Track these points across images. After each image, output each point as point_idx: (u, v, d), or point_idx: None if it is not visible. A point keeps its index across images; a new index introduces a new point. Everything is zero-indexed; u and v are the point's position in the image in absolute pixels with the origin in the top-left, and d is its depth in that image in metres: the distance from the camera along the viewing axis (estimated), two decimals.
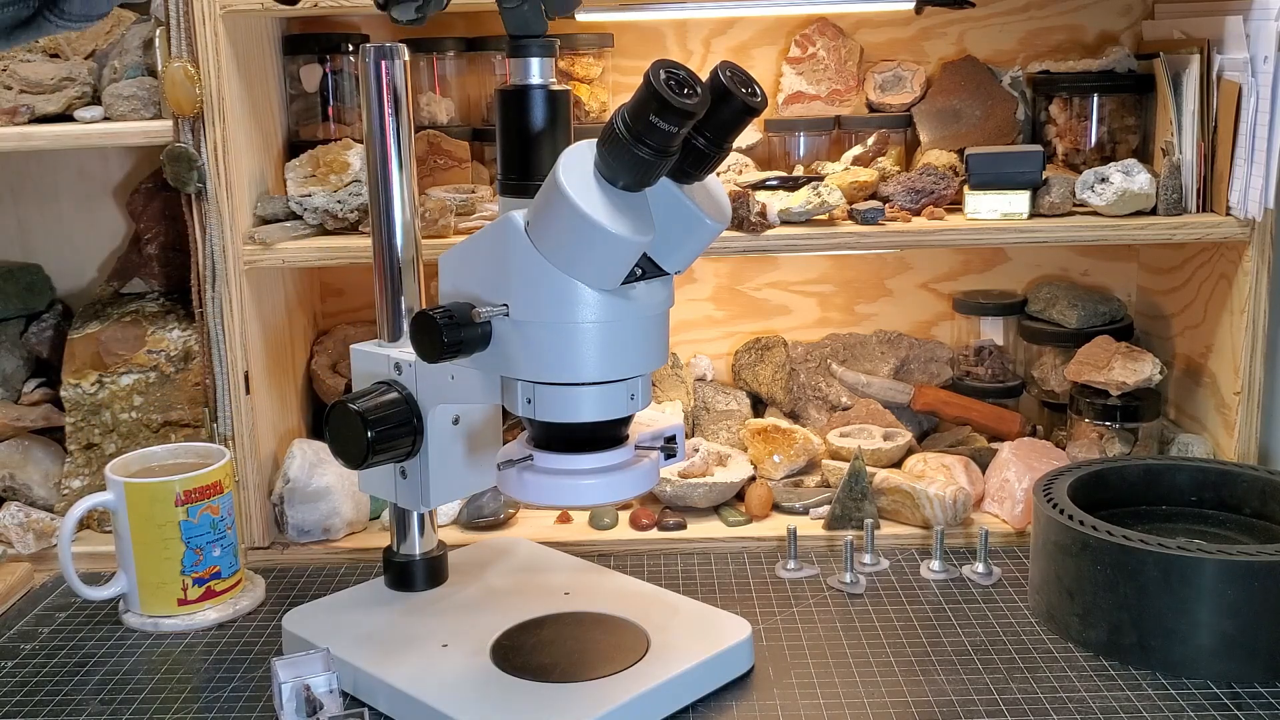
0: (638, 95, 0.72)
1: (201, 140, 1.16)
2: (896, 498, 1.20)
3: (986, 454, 1.29)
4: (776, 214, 1.20)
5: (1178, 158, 1.21)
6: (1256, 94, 1.12)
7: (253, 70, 1.24)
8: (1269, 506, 1.06)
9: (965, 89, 1.39)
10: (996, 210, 1.21)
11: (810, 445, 1.31)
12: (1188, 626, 0.91)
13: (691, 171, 0.79)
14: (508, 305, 0.79)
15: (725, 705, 0.90)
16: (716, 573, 1.13)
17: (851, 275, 1.49)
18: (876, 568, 1.13)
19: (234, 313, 1.18)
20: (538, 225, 0.77)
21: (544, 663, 0.90)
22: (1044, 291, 1.43)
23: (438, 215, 1.21)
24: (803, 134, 1.38)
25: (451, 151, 1.34)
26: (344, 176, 1.23)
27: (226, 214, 1.17)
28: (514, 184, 0.86)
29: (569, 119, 0.86)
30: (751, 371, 1.44)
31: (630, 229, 0.74)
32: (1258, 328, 1.19)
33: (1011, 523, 1.20)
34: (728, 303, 1.50)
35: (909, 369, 1.46)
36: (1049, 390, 1.40)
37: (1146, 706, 0.88)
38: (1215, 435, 1.27)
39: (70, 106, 1.27)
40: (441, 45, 1.38)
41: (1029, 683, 0.92)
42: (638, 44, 1.42)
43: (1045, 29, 1.42)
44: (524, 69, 0.84)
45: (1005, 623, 1.01)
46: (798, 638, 1.00)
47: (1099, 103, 1.31)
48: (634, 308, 0.79)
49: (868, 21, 1.43)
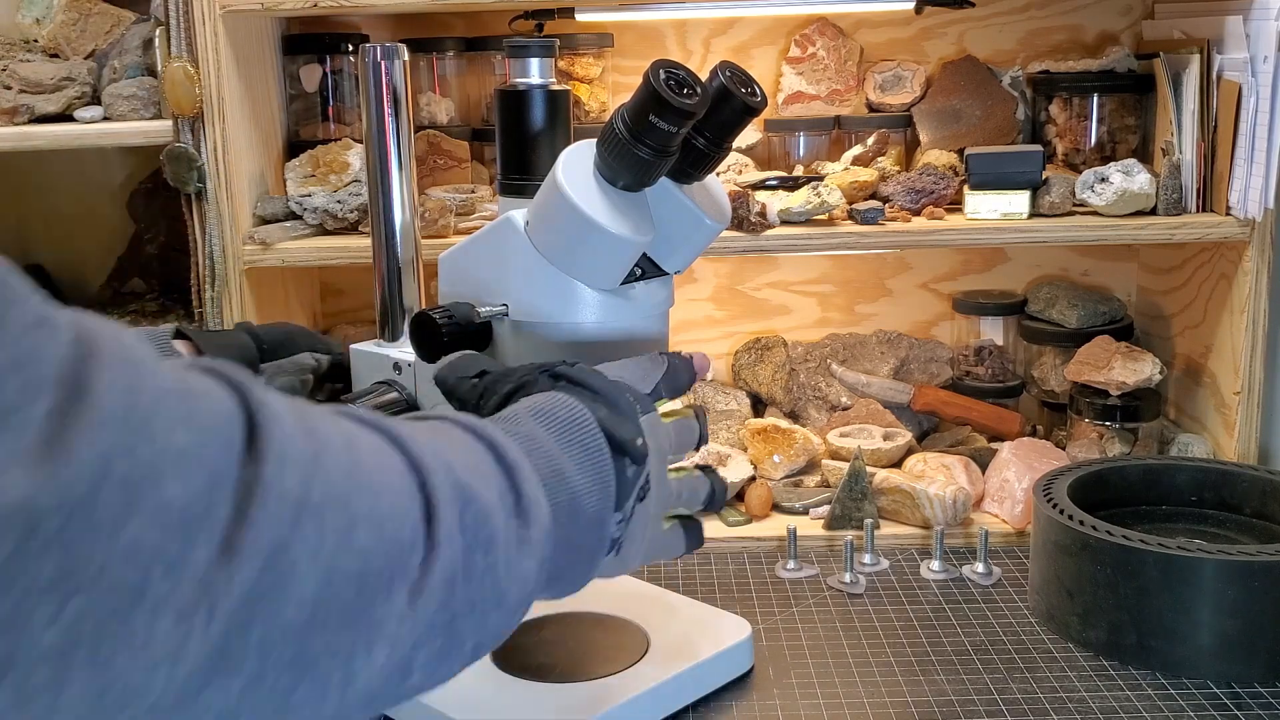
0: (637, 95, 0.72)
1: (201, 140, 1.16)
2: (896, 498, 1.20)
3: (986, 454, 1.29)
4: (776, 214, 1.20)
5: (1178, 158, 1.21)
6: (1256, 94, 1.12)
7: (253, 70, 1.24)
8: (1269, 506, 1.06)
9: (965, 89, 1.39)
10: (996, 210, 1.21)
11: (810, 445, 1.31)
12: (1188, 626, 0.91)
13: (691, 171, 0.79)
14: (507, 305, 0.79)
15: (725, 705, 0.90)
16: (716, 573, 1.13)
17: (851, 275, 1.49)
18: (876, 568, 1.13)
19: (234, 313, 1.18)
20: (537, 225, 0.77)
21: (544, 663, 0.90)
22: (1044, 291, 1.43)
23: (437, 215, 1.21)
24: (803, 134, 1.38)
25: (451, 151, 1.34)
26: (344, 176, 1.23)
27: (226, 214, 1.17)
28: (514, 184, 0.86)
29: (569, 119, 0.86)
30: (751, 371, 1.44)
31: (630, 229, 0.74)
32: (1258, 328, 1.19)
33: (1011, 523, 1.20)
34: (728, 303, 1.50)
35: (909, 369, 1.46)
36: (1049, 390, 1.40)
37: (1146, 706, 0.88)
38: (1215, 435, 1.27)
39: (70, 106, 1.27)
40: (441, 45, 1.38)
41: (1029, 683, 0.91)
42: (638, 44, 1.42)
43: (1045, 29, 1.42)
44: (523, 69, 0.84)
45: (1005, 623, 1.01)
46: (798, 638, 1.00)
47: (1099, 103, 1.31)
48: (634, 308, 0.79)
49: (868, 21, 1.42)
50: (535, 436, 0.59)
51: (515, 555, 0.52)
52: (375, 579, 0.43)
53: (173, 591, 0.36)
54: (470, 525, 0.49)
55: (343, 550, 0.42)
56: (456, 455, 0.52)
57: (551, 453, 0.59)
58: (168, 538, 0.35)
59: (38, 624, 0.33)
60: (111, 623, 0.34)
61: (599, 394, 0.65)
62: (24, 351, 0.33)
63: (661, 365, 0.74)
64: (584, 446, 0.61)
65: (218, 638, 0.37)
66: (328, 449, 0.43)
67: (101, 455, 0.34)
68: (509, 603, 0.52)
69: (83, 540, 0.33)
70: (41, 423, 0.33)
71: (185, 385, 0.39)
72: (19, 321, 0.33)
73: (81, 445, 0.33)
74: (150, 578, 0.35)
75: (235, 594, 0.37)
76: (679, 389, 0.75)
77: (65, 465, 0.33)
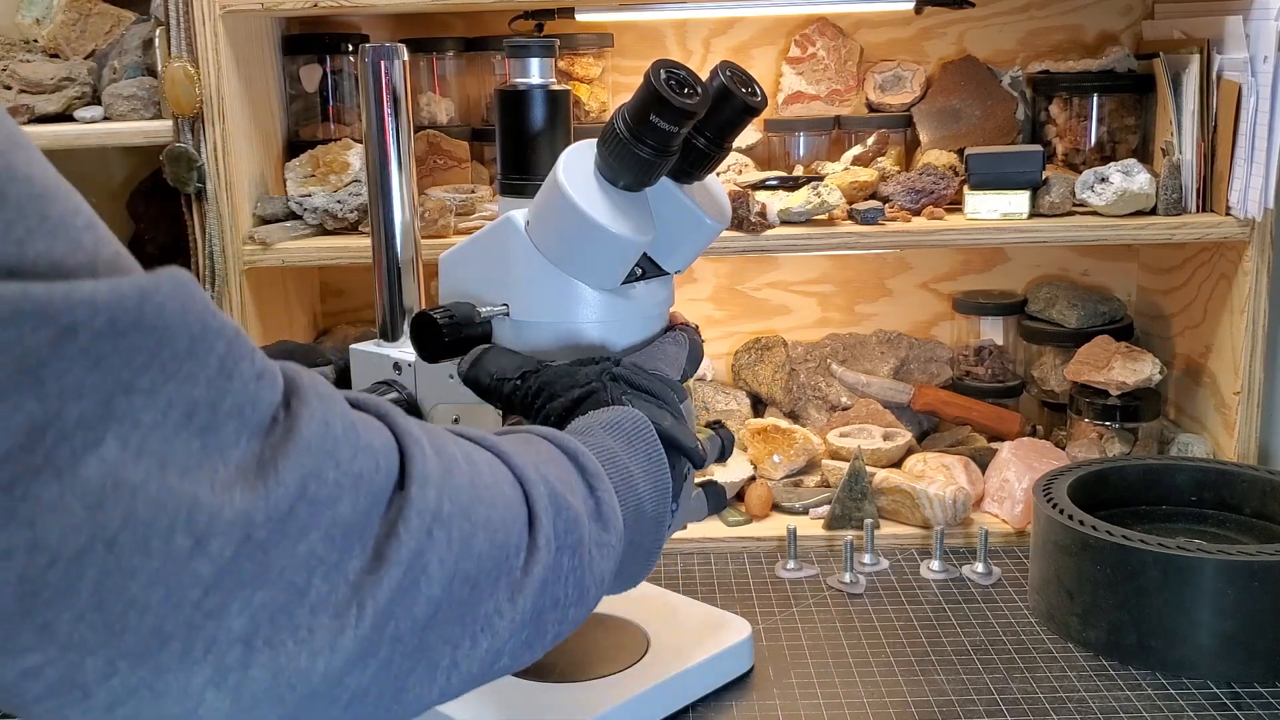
0: (638, 95, 0.72)
1: (201, 140, 1.16)
2: (896, 498, 1.20)
3: (986, 454, 1.29)
4: (776, 214, 1.20)
5: (1177, 158, 1.21)
6: (1256, 94, 1.12)
7: (253, 70, 1.24)
8: (1269, 506, 1.06)
9: (965, 89, 1.38)
10: (996, 210, 1.21)
11: (810, 445, 1.31)
12: (1188, 626, 0.91)
13: (692, 171, 0.79)
14: (508, 305, 0.79)
15: (725, 705, 0.90)
16: (716, 573, 1.13)
17: (851, 275, 1.49)
18: (876, 568, 1.13)
19: (234, 313, 1.18)
20: (538, 225, 0.77)
21: (544, 663, 0.89)
22: (1044, 291, 1.43)
23: (437, 215, 1.21)
24: (803, 134, 1.38)
25: (451, 151, 1.34)
26: (344, 176, 1.23)
27: (226, 214, 1.17)
28: (514, 184, 0.86)
29: (569, 119, 0.86)
30: (751, 371, 1.44)
31: (630, 228, 0.74)
32: (1258, 328, 1.19)
33: (1011, 523, 1.20)
34: (728, 303, 1.50)
35: (909, 369, 1.46)
36: (1049, 390, 1.40)
37: (1146, 706, 0.88)
38: (1215, 435, 1.27)
39: (70, 106, 1.27)
40: (441, 45, 1.38)
41: (1029, 683, 0.91)
42: (638, 44, 1.42)
43: (1045, 29, 1.42)
44: (523, 69, 0.84)
45: (1005, 623, 1.01)
46: (798, 638, 1.00)
47: (1099, 103, 1.31)
48: (634, 308, 0.79)
49: (868, 21, 1.42)
50: (609, 448, 0.64)
51: (596, 557, 0.58)
52: (487, 579, 0.50)
53: (331, 592, 0.43)
54: (562, 531, 0.55)
55: (465, 555, 0.49)
56: (549, 467, 0.58)
57: (623, 462, 0.65)
58: (331, 547, 0.43)
59: (233, 612, 0.40)
60: (282, 616, 0.41)
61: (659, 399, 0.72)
62: (248, 399, 0.41)
63: (684, 346, 0.79)
64: (649, 456, 0.67)
65: (366, 632, 0.44)
66: (455, 467, 0.50)
67: (301, 478, 0.42)
68: (589, 599, 0.58)
69: (278, 546, 0.41)
70: (260, 453, 0.41)
71: (361, 418, 0.47)
72: (247, 374, 0.41)
73: (286, 469, 0.41)
74: (312, 580, 0.42)
75: (381, 597, 0.44)
76: (697, 365, 0.81)
77: (276, 485, 0.41)
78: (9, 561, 0.36)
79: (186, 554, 0.38)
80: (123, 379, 0.37)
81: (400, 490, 0.46)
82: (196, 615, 0.39)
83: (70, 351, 0.36)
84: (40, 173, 0.38)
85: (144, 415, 0.38)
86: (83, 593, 0.37)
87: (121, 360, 0.37)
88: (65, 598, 0.37)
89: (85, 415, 0.36)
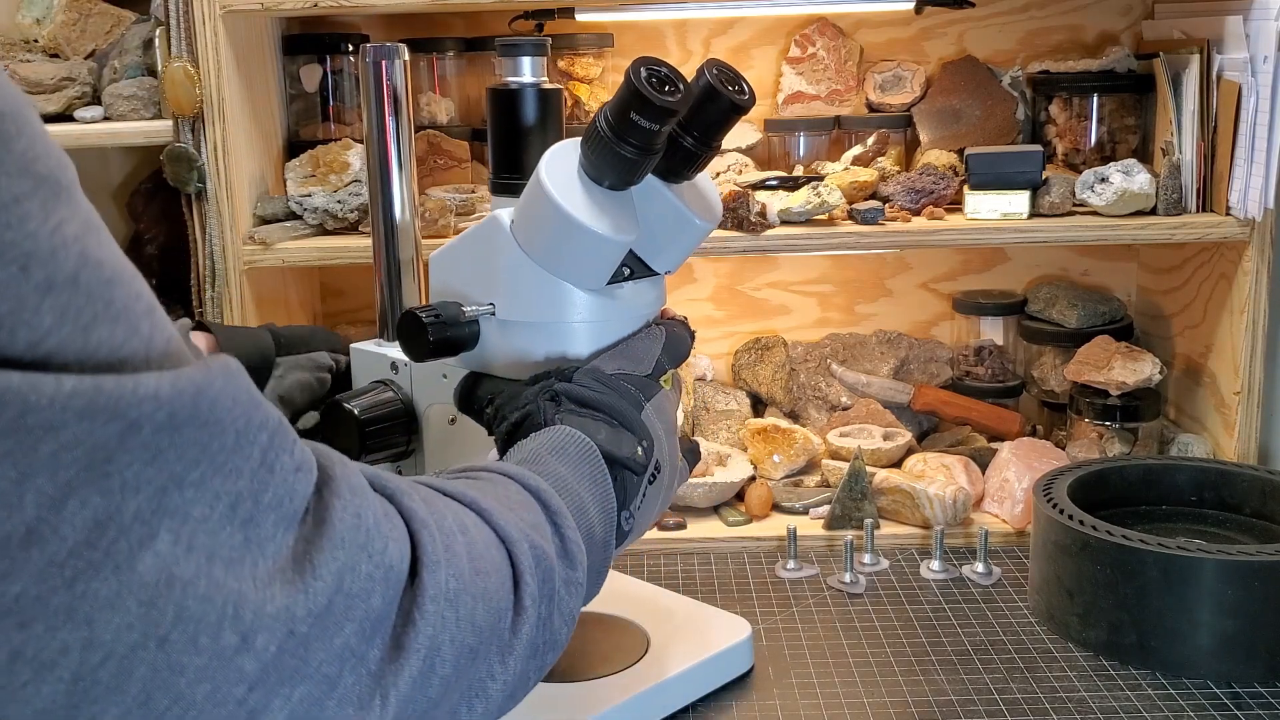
0: (619, 93, 0.71)
1: (201, 140, 1.16)
2: (896, 498, 1.20)
3: (986, 454, 1.29)
4: (776, 214, 1.20)
5: (1177, 158, 1.21)
6: (1256, 94, 1.12)
7: (253, 70, 1.24)
8: (1269, 506, 1.06)
9: (965, 89, 1.38)
10: (996, 210, 1.21)
11: (810, 445, 1.31)
12: (1188, 626, 0.91)
13: (680, 170, 0.77)
14: (494, 305, 0.79)
15: (725, 705, 0.90)
16: (716, 573, 1.13)
17: (851, 275, 1.49)
18: (876, 568, 1.13)
19: (234, 313, 1.18)
20: (522, 224, 0.76)
21: None
22: (1044, 291, 1.43)
23: (437, 215, 1.21)
24: (803, 134, 1.38)
25: (451, 151, 1.34)
26: (344, 176, 1.23)
27: (226, 214, 1.17)
28: (505, 183, 0.85)
29: (560, 118, 0.86)
30: (751, 371, 1.44)
31: (612, 228, 0.73)
32: (1258, 328, 1.19)
33: (1011, 523, 1.20)
34: (727, 303, 1.50)
35: (909, 369, 1.46)
36: (1049, 390, 1.40)
37: (1146, 706, 0.88)
38: (1215, 435, 1.26)
39: (70, 106, 1.27)
40: (441, 45, 1.38)
41: (1029, 683, 0.91)
42: (638, 44, 1.42)
43: (1045, 29, 1.42)
44: (515, 68, 0.84)
45: (1005, 623, 1.01)
46: (797, 638, 1.00)
47: (1099, 103, 1.31)
48: (622, 308, 0.78)
49: (868, 21, 1.42)
50: (561, 476, 0.64)
51: (566, 596, 0.58)
52: (484, 647, 0.51)
53: (356, 684, 0.44)
54: (542, 583, 0.56)
55: (470, 629, 0.50)
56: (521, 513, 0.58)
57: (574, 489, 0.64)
58: (362, 639, 0.44)
59: (275, 708, 0.41)
60: (315, 709, 0.42)
61: (598, 409, 0.70)
62: (287, 491, 0.42)
63: (660, 338, 0.77)
64: (593, 479, 0.66)
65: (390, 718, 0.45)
66: (454, 541, 0.50)
67: (337, 572, 0.42)
68: (561, 642, 0.59)
69: (318, 640, 0.42)
70: (294, 546, 0.42)
71: (384, 507, 0.47)
72: (288, 466, 0.42)
73: (322, 564, 0.42)
74: (343, 672, 0.43)
75: (404, 686, 0.46)
76: (681, 356, 0.78)
77: (314, 579, 0.42)
78: (64, 659, 0.35)
79: (233, 650, 0.39)
80: (175, 473, 0.37)
81: (414, 575, 0.47)
82: (240, 712, 0.39)
83: (134, 445, 0.36)
84: (110, 256, 0.38)
85: (193, 509, 0.38)
86: (131, 690, 0.37)
87: (176, 454, 0.37)
88: (114, 695, 0.36)
89: (141, 510, 0.36)
